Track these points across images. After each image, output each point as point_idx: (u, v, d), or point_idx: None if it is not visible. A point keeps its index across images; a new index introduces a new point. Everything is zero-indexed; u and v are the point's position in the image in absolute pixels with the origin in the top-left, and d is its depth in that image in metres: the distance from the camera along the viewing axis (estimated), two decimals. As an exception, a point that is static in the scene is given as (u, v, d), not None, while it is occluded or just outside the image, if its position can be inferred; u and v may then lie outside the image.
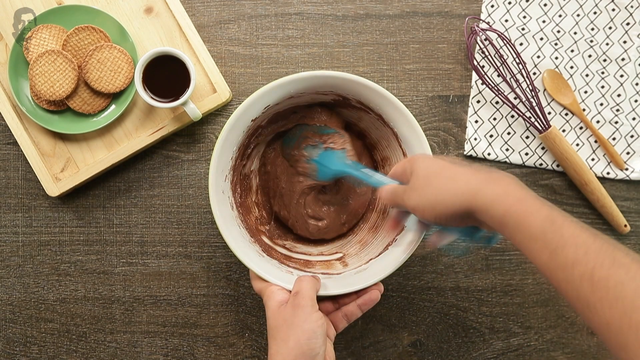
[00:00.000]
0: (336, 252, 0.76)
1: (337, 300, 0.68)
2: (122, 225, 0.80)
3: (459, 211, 0.54)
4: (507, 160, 0.80)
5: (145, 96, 0.73)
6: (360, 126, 0.76)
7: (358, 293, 0.68)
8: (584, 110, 0.80)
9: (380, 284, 0.67)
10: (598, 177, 0.80)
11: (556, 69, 0.80)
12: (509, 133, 0.80)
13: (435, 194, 0.55)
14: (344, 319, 0.67)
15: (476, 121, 0.80)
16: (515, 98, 0.80)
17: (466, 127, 0.81)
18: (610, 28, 0.80)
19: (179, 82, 0.75)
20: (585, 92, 0.80)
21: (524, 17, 0.80)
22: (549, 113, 0.80)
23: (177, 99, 0.75)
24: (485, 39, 0.79)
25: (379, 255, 0.71)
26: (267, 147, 0.78)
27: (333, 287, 0.68)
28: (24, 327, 0.80)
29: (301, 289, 0.63)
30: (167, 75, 0.75)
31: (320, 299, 0.65)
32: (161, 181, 0.81)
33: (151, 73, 0.75)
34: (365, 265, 0.71)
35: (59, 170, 0.79)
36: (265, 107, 0.69)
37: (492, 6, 0.80)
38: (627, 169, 0.80)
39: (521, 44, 0.80)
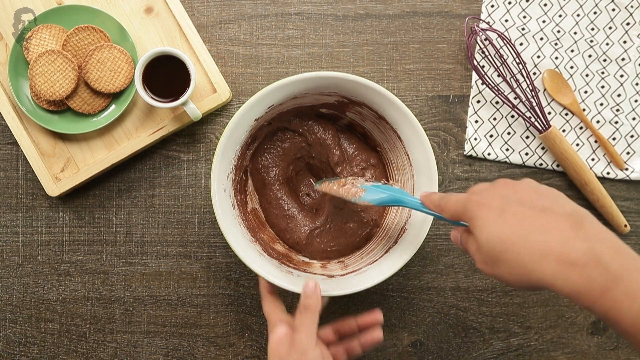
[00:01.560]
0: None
1: (337, 328, 0.68)
2: (122, 225, 0.80)
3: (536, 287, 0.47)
4: (507, 160, 0.80)
5: (145, 96, 0.73)
6: (363, 128, 0.76)
7: (357, 318, 0.67)
8: (584, 110, 0.80)
9: (380, 330, 0.66)
10: (598, 177, 0.80)
11: (556, 69, 0.80)
12: (509, 133, 0.80)
13: (507, 272, 0.47)
14: (344, 354, 0.66)
15: (476, 121, 0.80)
16: (515, 98, 0.80)
17: (466, 127, 0.81)
18: (610, 28, 0.80)
19: (179, 82, 0.75)
20: (585, 92, 0.80)
21: (524, 17, 0.80)
22: (549, 113, 0.80)
23: (177, 99, 0.75)
24: (485, 39, 0.79)
25: (379, 259, 0.71)
26: (260, 148, 0.78)
27: (333, 288, 0.68)
28: (24, 327, 0.80)
29: (302, 326, 0.61)
30: (167, 75, 0.75)
31: (321, 324, 0.64)
32: (161, 181, 0.81)
33: (151, 73, 0.75)
34: (365, 267, 0.71)
35: (59, 170, 0.79)
36: (268, 107, 0.69)
37: (492, 6, 0.80)
38: (627, 169, 0.80)
39: (521, 44, 0.80)
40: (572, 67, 0.80)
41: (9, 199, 0.80)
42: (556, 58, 0.80)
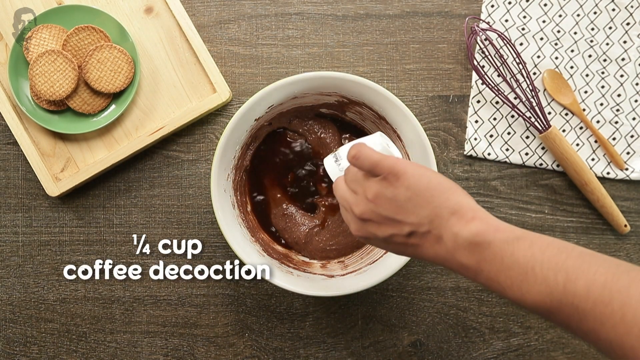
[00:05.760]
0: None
1: None
2: (122, 225, 0.80)
3: None
4: (507, 160, 0.80)
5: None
6: (364, 128, 0.77)
7: None
8: (584, 110, 0.80)
9: None
10: (598, 177, 0.80)
11: (556, 69, 0.80)
12: (509, 133, 0.81)
13: (412, 213, 0.51)
14: None
15: (476, 121, 0.80)
16: (515, 98, 0.80)
17: (466, 127, 0.81)
18: (610, 28, 0.80)
19: None
20: (585, 92, 0.80)
21: (524, 17, 0.80)
22: (549, 113, 0.80)
23: None
24: (485, 39, 0.79)
25: (378, 259, 0.71)
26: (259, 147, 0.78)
27: (332, 288, 0.68)
28: (24, 327, 0.80)
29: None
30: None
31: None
32: (161, 181, 0.81)
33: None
34: (365, 267, 0.71)
35: (59, 170, 0.79)
36: (268, 107, 0.69)
37: (492, 6, 0.80)
38: (627, 169, 0.80)
39: (521, 44, 0.80)
40: (572, 67, 0.80)
41: (9, 199, 0.80)
42: (556, 58, 0.80)
